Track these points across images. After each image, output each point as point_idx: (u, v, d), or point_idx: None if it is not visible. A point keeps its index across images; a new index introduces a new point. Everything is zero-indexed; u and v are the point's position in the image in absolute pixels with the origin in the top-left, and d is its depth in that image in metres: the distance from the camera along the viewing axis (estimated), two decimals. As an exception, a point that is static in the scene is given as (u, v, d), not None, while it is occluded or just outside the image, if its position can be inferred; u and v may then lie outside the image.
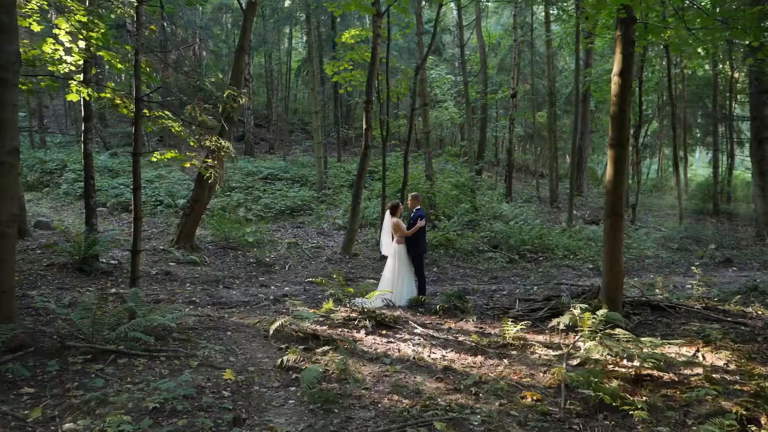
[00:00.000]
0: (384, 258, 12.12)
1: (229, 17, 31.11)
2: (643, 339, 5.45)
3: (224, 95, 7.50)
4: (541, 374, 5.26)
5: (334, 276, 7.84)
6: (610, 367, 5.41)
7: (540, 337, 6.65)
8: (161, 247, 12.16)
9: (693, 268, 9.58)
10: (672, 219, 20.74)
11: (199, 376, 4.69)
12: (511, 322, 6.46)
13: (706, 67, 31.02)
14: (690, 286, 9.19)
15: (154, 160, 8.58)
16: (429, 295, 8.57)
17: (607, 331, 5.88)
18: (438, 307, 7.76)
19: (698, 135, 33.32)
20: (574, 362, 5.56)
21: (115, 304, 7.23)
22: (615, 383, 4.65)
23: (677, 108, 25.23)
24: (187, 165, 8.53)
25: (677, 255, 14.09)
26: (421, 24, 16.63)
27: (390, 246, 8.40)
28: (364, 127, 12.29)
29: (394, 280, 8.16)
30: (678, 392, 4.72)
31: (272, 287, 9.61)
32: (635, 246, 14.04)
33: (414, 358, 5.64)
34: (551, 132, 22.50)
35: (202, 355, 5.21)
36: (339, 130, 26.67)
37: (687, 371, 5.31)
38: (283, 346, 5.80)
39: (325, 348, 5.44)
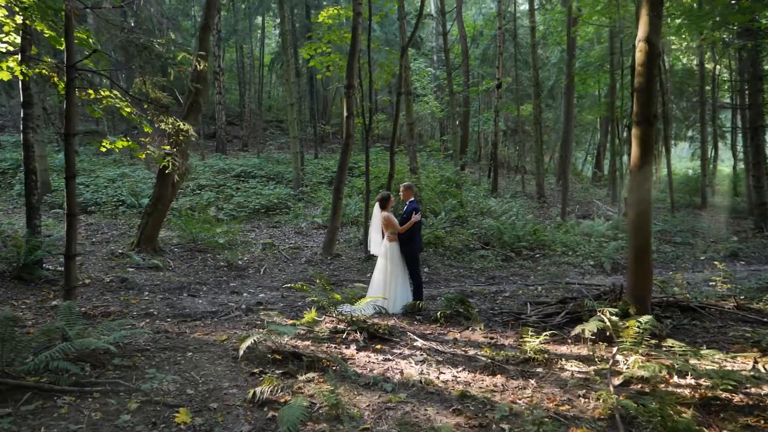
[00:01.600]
0: (371, 258, 11.03)
1: (199, 10, 29.60)
2: (702, 351, 4.44)
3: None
4: (582, 400, 4.21)
5: (317, 281, 6.69)
6: (662, 386, 4.41)
7: (563, 348, 5.61)
8: (120, 251, 10.86)
9: (717, 263, 8.70)
10: (661, 212, 20.04)
11: (140, 423, 3.51)
12: (532, 332, 5.41)
13: (684, 60, 30.73)
14: (713, 282, 8.29)
15: (103, 150, 7.31)
16: (425, 299, 7.48)
17: (652, 341, 4.86)
18: (438, 314, 6.66)
19: (674, 128, 32.91)
20: (616, 381, 4.53)
21: (53, 319, 5.98)
22: (688, 413, 3.61)
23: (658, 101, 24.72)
24: (142, 156, 7.29)
25: (680, 249, 13.28)
26: (403, 8, 15.55)
27: (380, 244, 7.28)
28: (345, 114, 11.17)
29: (386, 284, 7.03)
30: (762, 421, 3.72)
31: (245, 294, 8.41)
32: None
33: (421, 381, 4.54)
34: (537, 124, 21.63)
35: (150, 388, 4.02)
36: (316, 125, 25.43)
37: (755, 390, 4.33)
38: (255, 370, 4.65)
39: (310, 374, 4.29)
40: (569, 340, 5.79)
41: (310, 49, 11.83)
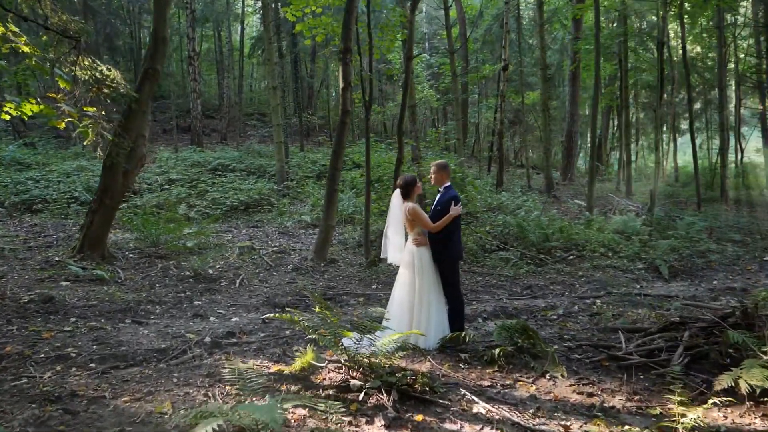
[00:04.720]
0: (376, 264, 8.81)
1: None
2: None
3: None
4: None
5: (316, 308, 4.47)
6: None
7: (716, 415, 3.51)
8: (57, 258, 8.56)
9: None
10: (684, 206, 18.17)
11: None
12: (679, 390, 3.30)
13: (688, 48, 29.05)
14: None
15: (7, 118, 5.12)
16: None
17: None
18: (496, 352, 4.48)
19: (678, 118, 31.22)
20: None
21: None
22: None
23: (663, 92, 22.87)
24: (61, 125, 5.07)
25: (737, 248, 11.23)
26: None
27: (402, 249, 5.09)
28: (342, 86, 8.99)
29: (413, 307, 4.84)
30: None
31: (212, 318, 6.19)
32: (688, 238, 11.11)
33: None
34: (545, 111, 19.60)
35: None
36: (301, 115, 23.13)
37: None
38: (209, 495, 2.46)
39: None
40: (715, 395, 3.67)
41: (296, 8, 9.61)
